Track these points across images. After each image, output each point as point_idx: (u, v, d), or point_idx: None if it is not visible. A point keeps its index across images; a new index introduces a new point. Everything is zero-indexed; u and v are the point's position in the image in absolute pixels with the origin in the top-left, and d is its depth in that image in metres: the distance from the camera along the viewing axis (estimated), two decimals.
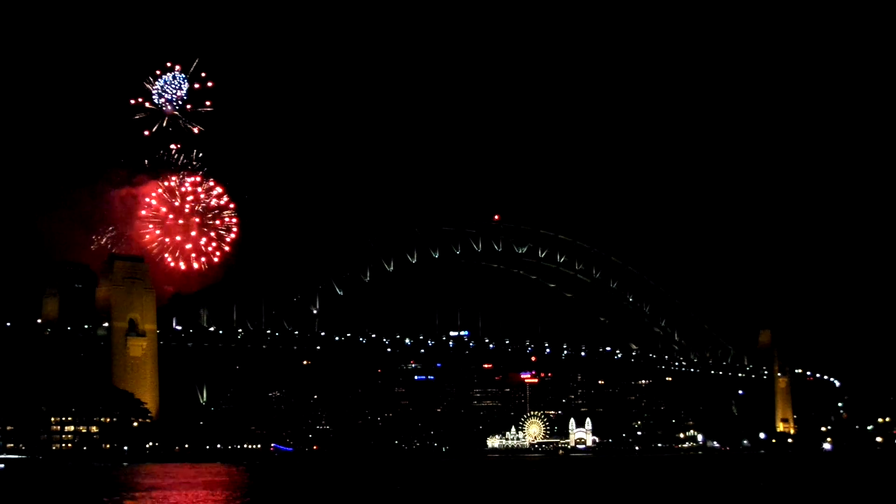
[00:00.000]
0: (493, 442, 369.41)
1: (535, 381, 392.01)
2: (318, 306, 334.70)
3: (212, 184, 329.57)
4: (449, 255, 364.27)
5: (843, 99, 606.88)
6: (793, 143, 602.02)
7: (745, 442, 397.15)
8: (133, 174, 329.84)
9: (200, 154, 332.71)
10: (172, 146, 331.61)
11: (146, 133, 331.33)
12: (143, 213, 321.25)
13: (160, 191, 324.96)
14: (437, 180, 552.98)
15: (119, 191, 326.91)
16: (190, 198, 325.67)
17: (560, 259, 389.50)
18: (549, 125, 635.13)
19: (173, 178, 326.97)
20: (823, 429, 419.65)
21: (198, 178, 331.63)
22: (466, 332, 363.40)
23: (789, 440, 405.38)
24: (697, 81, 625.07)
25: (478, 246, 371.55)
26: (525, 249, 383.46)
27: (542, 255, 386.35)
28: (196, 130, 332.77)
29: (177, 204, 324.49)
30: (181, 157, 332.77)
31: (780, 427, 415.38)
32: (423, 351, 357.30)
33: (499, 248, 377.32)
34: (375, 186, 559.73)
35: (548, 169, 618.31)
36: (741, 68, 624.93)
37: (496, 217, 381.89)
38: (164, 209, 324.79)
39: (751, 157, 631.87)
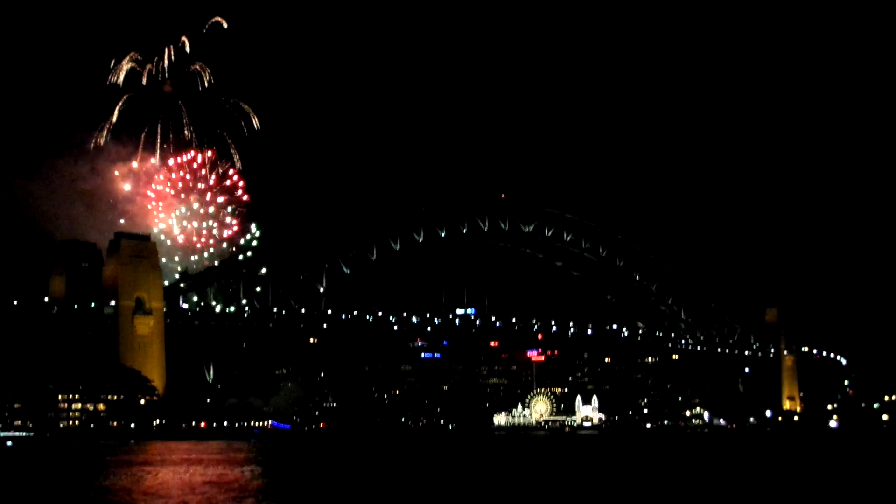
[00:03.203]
0: (500, 419, 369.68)
1: (542, 358, 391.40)
2: (324, 285, 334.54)
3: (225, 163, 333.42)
4: (455, 234, 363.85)
5: (846, 82, 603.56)
6: (798, 122, 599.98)
7: (751, 420, 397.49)
8: (132, 150, 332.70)
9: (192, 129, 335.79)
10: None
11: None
12: (150, 193, 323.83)
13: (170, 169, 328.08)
14: (443, 159, 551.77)
15: (121, 167, 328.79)
16: (203, 172, 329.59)
17: (567, 237, 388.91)
18: (556, 104, 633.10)
19: (186, 154, 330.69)
20: (830, 407, 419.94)
21: (210, 154, 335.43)
22: (473, 310, 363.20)
23: (796, 418, 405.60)
24: (703, 60, 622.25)
25: (484, 224, 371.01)
26: (532, 228, 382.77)
27: (548, 233, 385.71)
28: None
29: (188, 178, 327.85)
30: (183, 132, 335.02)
31: (787, 405, 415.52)
32: (429, 329, 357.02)
33: (505, 226, 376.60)
34: (382, 165, 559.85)
35: (554, 147, 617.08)
36: (742, 53, 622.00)
37: (503, 195, 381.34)
38: (170, 190, 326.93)
39: (757, 136, 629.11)
